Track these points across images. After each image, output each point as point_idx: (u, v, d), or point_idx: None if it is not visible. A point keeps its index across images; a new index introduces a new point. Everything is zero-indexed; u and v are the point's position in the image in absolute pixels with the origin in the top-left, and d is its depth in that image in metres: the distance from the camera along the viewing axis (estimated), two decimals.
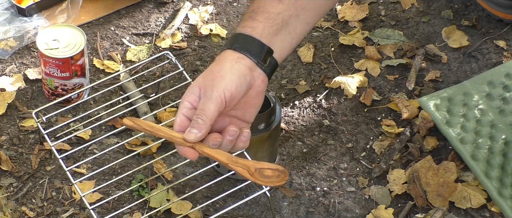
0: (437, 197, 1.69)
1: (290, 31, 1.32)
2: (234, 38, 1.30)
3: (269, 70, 1.29)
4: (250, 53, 1.27)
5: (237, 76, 1.25)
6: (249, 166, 1.25)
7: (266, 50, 1.29)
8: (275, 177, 1.25)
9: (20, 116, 1.80)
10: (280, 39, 1.31)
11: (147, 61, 1.89)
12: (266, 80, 1.29)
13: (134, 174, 1.71)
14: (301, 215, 1.67)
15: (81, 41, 1.75)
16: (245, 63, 1.26)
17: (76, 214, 1.66)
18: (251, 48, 1.28)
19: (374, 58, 1.92)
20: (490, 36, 1.97)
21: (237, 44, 1.28)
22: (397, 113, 1.83)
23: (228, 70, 1.25)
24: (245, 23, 1.31)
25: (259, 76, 1.28)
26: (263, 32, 1.29)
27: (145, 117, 1.77)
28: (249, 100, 1.28)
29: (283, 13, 1.31)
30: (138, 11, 2.01)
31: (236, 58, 1.26)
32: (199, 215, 1.65)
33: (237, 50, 1.27)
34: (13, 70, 1.89)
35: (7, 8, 1.96)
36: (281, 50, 1.31)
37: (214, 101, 1.23)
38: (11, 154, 1.74)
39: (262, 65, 1.28)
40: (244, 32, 1.29)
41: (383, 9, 2.03)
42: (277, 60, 1.31)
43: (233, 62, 1.26)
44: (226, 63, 1.26)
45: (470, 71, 1.91)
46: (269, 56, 1.29)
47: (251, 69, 1.27)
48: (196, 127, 1.22)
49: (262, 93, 1.30)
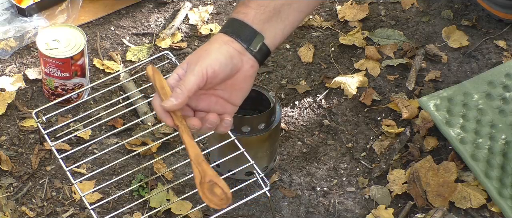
0: (437, 197, 1.69)
1: (282, 19, 1.35)
2: (228, 22, 1.34)
3: (260, 56, 1.32)
4: (240, 38, 1.31)
5: (223, 56, 1.28)
6: (206, 174, 1.26)
7: (256, 36, 1.31)
8: (218, 199, 1.26)
9: (20, 116, 1.80)
10: (272, 26, 1.34)
11: (147, 61, 1.89)
12: (256, 65, 1.32)
13: (134, 174, 1.71)
14: (301, 215, 1.67)
15: (81, 41, 1.75)
16: (234, 46, 1.30)
17: (76, 214, 1.66)
18: (241, 33, 1.31)
19: (374, 58, 1.92)
20: (490, 36, 1.98)
21: (229, 29, 1.32)
22: (397, 113, 1.83)
23: (215, 49, 1.29)
24: (238, 9, 1.34)
25: (248, 61, 1.31)
26: (254, 18, 1.32)
27: (145, 117, 1.77)
28: (237, 83, 1.31)
29: (275, 1, 1.33)
30: (138, 11, 2.01)
31: (225, 41, 1.30)
32: (199, 215, 1.65)
33: (228, 34, 1.31)
34: (13, 70, 1.89)
35: (7, 8, 1.96)
36: (273, 38, 1.34)
37: (195, 74, 1.26)
38: (11, 154, 1.74)
39: (251, 50, 1.30)
40: (237, 17, 1.33)
41: (383, 9, 2.03)
42: (269, 47, 1.33)
43: (222, 44, 1.30)
44: (215, 43, 1.31)
45: (470, 71, 1.91)
46: (260, 43, 1.32)
47: (240, 53, 1.30)
48: (174, 95, 1.26)
49: (250, 78, 1.32)
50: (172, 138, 1.75)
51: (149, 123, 1.78)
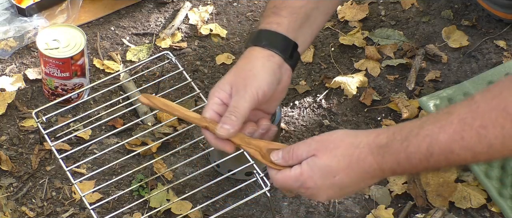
0: (437, 197, 1.69)
1: (311, 24, 1.34)
2: (261, 34, 1.31)
3: (294, 64, 1.32)
4: (278, 50, 1.29)
5: (269, 74, 1.27)
6: (261, 147, 1.27)
7: (292, 46, 1.31)
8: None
9: (20, 116, 1.80)
10: (303, 32, 1.33)
11: (147, 61, 1.89)
12: (291, 74, 1.32)
13: (134, 174, 1.71)
14: (301, 215, 1.67)
15: (81, 41, 1.75)
16: (275, 61, 1.28)
17: (76, 214, 1.66)
18: (279, 45, 1.29)
19: (374, 58, 1.92)
20: (490, 36, 1.97)
21: (265, 42, 1.30)
22: (397, 113, 1.83)
23: (260, 69, 1.27)
24: (269, 19, 1.32)
25: (286, 72, 1.31)
26: (288, 27, 1.31)
27: (145, 117, 1.77)
28: (276, 95, 1.31)
29: (305, 6, 1.32)
30: (138, 11, 2.01)
31: (266, 56, 1.28)
32: (199, 215, 1.65)
33: (266, 48, 1.29)
34: (13, 70, 1.89)
35: (7, 8, 1.96)
36: (303, 44, 1.34)
37: (248, 99, 1.25)
38: (11, 154, 1.74)
39: (289, 60, 1.30)
40: (270, 28, 1.31)
41: (383, 9, 2.03)
42: (299, 53, 1.33)
43: (265, 60, 1.28)
44: (257, 61, 1.28)
45: (470, 71, 1.91)
46: (295, 51, 1.31)
47: (280, 66, 1.29)
48: (229, 123, 1.25)
49: (287, 87, 1.33)
50: (172, 138, 1.75)
51: (149, 123, 1.78)
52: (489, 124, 1.09)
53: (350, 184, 1.20)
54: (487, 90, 1.12)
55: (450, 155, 1.12)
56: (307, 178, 1.21)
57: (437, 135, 1.12)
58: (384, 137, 1.17)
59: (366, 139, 1.18)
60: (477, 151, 1.10)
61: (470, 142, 1.10)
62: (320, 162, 1.20)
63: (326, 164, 1.19)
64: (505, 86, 1.10)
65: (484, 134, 1.09)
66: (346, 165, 1.18)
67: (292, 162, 1.23)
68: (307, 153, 1.21)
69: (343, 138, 1.20)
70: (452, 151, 1.12)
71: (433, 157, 1.13)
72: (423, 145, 1.13)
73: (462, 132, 1.10)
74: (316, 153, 1.20)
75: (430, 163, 1.14)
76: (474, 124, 1.10)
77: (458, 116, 1.11)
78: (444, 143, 1.11)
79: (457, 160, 1.13)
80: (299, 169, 1.22)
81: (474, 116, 1.10)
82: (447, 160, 1.13)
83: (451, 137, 1.11)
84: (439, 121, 1.13)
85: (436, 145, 1.12)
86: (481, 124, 1.09)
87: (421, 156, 1.13)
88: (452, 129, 1.11)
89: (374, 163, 1.17)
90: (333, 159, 1.19)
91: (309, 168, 1.21)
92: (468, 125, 1.10)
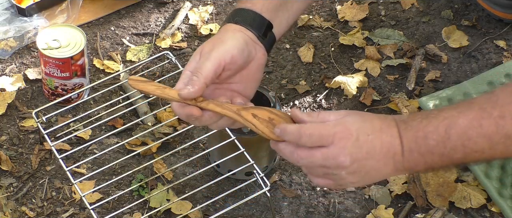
0: (437, 197, 1.69)
1: (288, 8, 1.34)
2: (235, 12, 1.32)
3: (268, 45, 1.32)
4: (251, 27, 1.29)
5: (239, 42, 1.26)
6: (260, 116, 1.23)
7: (266, 24, 1.31)
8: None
9: (20, 116, 1.80)
10: (279, 15, 1.33)
11: (147, 61, 1.89)
12: (266, 54, 1.31)
13: (134, 174, 1.71)
14: (301, 215, 1.67)
15: (81, 41, 1.75)
16: (247, 34, 1.28)
17: (76, 214, 1.66)
18: (252, 22, 1.30)
19: (374, 58, 1.92)
20: (490, 36, 1.98)
21: (239, 18, 1.30)
22: (397, 113, 1.83)
23: (230, 37, 1.27)
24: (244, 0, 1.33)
25: (260, 50, 1.30)
26: (262, 7, 1.31)
27: (145, 117, 1.77)
28: (250, 73, 1.29)
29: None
30: (138, 11, 2.01)
31: (238, 29, 1.28)
32: (199, 215, 1.65)
33: (239, 23, 1.29)
34: (13, 70, 1.89)
35: (7, 8, 1.96)
36: (279, 26, 1.34)
37: (211, 60, 1.23)
38: (11, 154, 1.74)
39: (262, 39, 1.30)
40: (244, 7, 1.32)
41: (383, 9, 2.03)
42: (275, 36, 1.33)
43: (236, 32, 1.28)
44: (227, 33, 1.28)
45: (470, 71, 1.91)
46: (269, 31, 1.32)
47: (253, 41, 1.29)
48: (191, 83, 1.22)
49: (262, 67, 1.31)
50: (172, 138, 1.75)
51: (149, 123, 1.78)
52: (508, 115, 1.12)
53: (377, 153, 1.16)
54: (507, 85, 1.15)
55: (467, 142, 1.13)
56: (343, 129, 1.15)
57: (456, 118, 1.14)
58: (406, 115, 1.20)
59: (392, 116, 1.19)
60: (494, 140, 1.13)
61: (488, 130, 1.12)
62: (353, 118, 1.17)
63: (361, 120, 1.17)
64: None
65: (502, 124, 1.12)
66: (378, 127, 1.16)
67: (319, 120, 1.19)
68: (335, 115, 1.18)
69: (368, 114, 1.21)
70: (470, 138, 1.13)
71: (450, 141, 1.14)
72: (441, 126, 1.14)
73: (481, 119, 1.13)
74: (347, 115, 1.18)
75: (447, 148, 1.14)
76: (493, 113, 1.12)
77: (478, 104, 1.14)
78: (462, 127, 1.13)
79: (474, 149, 1.14)
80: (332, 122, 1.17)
81: (494, 106, 1.13)
82: (464, 147, 1.14)
83: (470, 122, 1.13)
84: (459, 107, 1.16)
85: (454, 129, 1.13)
86: (500, 114, 1.12)
87: (438, 137, 1.14)
88: (471, 115, 1.13)
89: (397, 136, 1.16)
90: (366, 119, 1.18)
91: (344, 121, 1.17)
92: (488, 113, 1.13)
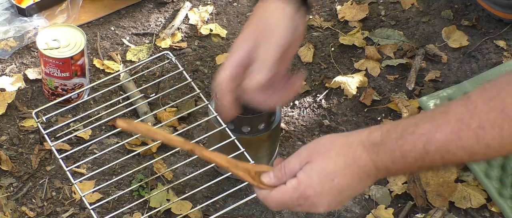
0: (437, 197, 1.69)
1: None
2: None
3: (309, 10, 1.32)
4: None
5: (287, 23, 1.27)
6: (249, 169, 1.24)
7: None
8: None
9: (20, 116, 1.80)
10: None
11: (147, 61, 1.89)
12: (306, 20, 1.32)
13: (134, 174, 1.71)
14: (301, 215, 1.67)
15: (81, 41, 1.75)
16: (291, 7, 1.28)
17: (76, 214, 1.66)
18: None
19: (374, 58, 1.92)
20: (490, 36, 1.98)
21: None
22: (397, 113, 1.83)
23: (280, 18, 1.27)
24: None
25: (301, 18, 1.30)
26: None
27: (145, 117, 1.77)
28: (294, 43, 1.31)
29: None
30: (138, 11, 2.01)
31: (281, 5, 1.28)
32: (199, 215, 1.65)
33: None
34: (13, 70, 1.89)
35: (7, 8, 1.96)
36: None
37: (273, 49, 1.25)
38: (11, 154, 1.74)
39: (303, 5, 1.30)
40: None
41: (383, 9, 2.03)
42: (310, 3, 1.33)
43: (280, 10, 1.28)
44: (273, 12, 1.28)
45: (470, 71, 1.91)
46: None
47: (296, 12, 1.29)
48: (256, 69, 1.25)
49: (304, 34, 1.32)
50: None
51: (149, 123, 1.78)
52: (487, 125, 1.07)
53: (349, 186, 1.16)
54: (484, 90, 1.10)
55: (446, 155, 1.11)
56: (305, 187, 1.16)
57: (434, 134, 1.10)
58: (377, 134, 1.15)
59: (359, 137, 1.15)
60: (474, 151, 1.09)
61: (468, 142, 1.09)
62: (316, 166, 1.16)
63: (323, 167, 1.16)
64: (502, 87, 1.08)
65: (482, 134, 1.08)
66: (343, 165, 1.15)
67: (286, 178, 1.19)
68: (299, 163, 1.18)
69: (333, 140, 1.17)
70: (449, 151, 1.10)
71: (429, 155, 1.11)
72: (419, 144, 1.11)
73: (460, 131, 1.09)
74: (310, 159, 1.17)
75: (425, 162, 1.12)
76: (471, 124, 1.08)
77: (455, 115, 1.10)
78: (440, 142, 1.10)
79: (452, 160, 1.11)
80: (296, 179, 1.17)
81: (472, 116, 1.08)
82: (443, 159, 1.11)
83: (448, 136, 1.09)
84: (435, 119, 1.11)
85: (433, 144, 1.10)
86: (479, 124, 1.08)
87: (416, 154, 1.11)
88: (449, 129, 1.09)
89: (369, 161, 1.14)
90: (329, 160, 1.16)
91: (306, 175, 1.17)
92: (466, 125, 1.08)
